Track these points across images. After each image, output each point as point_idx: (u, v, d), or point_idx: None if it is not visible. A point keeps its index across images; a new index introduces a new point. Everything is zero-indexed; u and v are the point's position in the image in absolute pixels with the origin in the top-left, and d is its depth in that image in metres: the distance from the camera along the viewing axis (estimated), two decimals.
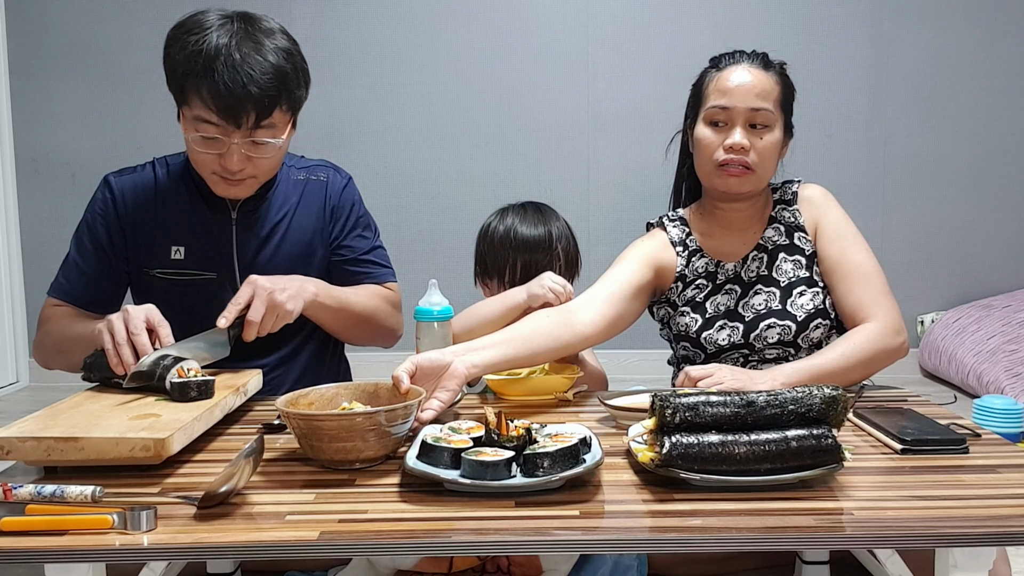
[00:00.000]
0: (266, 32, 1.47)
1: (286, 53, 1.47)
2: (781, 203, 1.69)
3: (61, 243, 1.70)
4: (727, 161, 1.58)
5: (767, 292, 1.63)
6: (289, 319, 1.47)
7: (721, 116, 1.59)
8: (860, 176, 3.57)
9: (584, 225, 3.62)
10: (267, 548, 0.90)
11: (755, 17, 3.51)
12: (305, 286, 1.52)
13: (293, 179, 1.69)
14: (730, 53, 1.65)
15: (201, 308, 1.54)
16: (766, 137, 1.59)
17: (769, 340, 1.60)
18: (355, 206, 1.73)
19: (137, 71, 3.52)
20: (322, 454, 1.10)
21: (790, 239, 1.66)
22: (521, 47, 3.55)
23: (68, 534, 0.90)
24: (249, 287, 1.44)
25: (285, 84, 1.46)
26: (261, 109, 1.44)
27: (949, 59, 3.54)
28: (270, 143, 1.49)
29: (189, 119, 1.48)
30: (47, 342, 1.60)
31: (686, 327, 1.65)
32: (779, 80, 1.62)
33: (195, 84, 1.42)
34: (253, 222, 1.63)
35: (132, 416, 1.17)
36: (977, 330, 3.24)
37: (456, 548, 0.94)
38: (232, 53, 1.41)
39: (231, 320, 1.41)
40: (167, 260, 1.61)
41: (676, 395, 1.06)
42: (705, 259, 1.68)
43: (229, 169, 1.49)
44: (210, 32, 1.43)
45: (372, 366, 1.92)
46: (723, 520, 0.93)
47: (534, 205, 1.80)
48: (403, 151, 3.57)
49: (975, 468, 1.10)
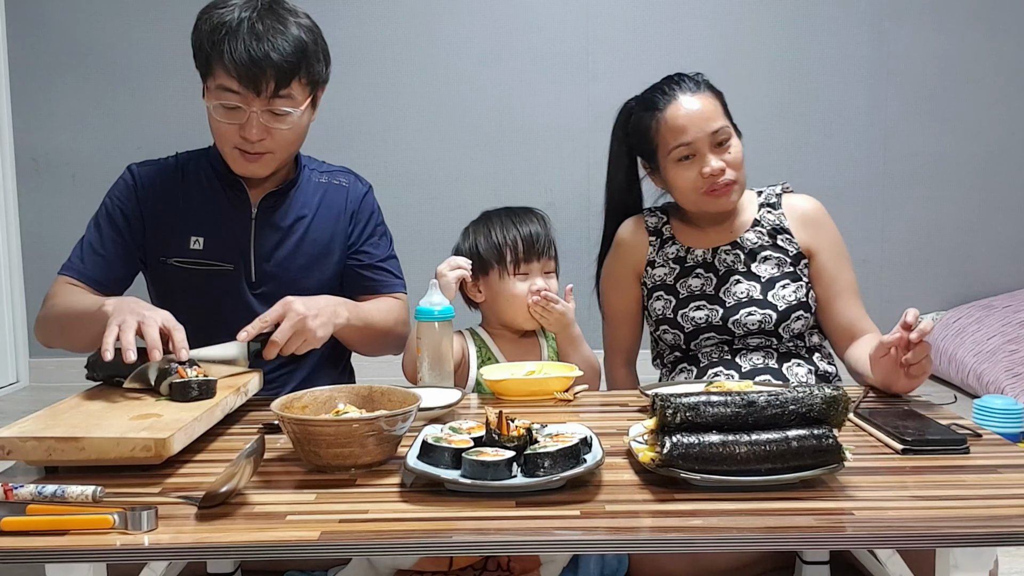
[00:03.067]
0: (289, 10, 1.55)
1: (308, 29, 1.55)
2: (766, 206, 1.74)
3: (61, 243, 1.70)
4: (710, 186, 1.64)
5: (748, 284, 1.68)
6: (316, 345, 1.48)
7: (686, 151, 1.64)
8: (860, 176, 3.56)
9: (584, 225, 3.60)
10: (267, 548, 0.90)
11: (755, 17, 3.50)
12: (338, 311, 1.53)
13: (315, 181, 1.72)
14: (659, 89, 1.69)
15: (216, 298, 1.57)
16: (732, 149, 1.65)
17: (749, 327, 1.64)
18: (375, 214, 1.77)
19: (137, 71, 3.51)
20: (319, 459, 1.09)
21: (772, 240, 1.71)
22: (521, 47, 3.55)
23: (69, 534, 0.90)
24: (282, 307, 1.44)
25: (305, 55, 1.52)
26: (280, 76, 1.49)
27: (949, 59, 3.54)
28: (289, 114, 1.53)
29: (212, 90, 1.53)
30: (51, 316, 1.58)
31: (662, 309, 1.71)
32: (713, 93, 1.68)
33: (219, 52, 1.48)
34: (273, 219, 1.65)
35: (133, 416, 1.17)
36: (977, 330, 3.24)
37: (456, 548, 0.94)
38: (255, 24, 1.49)
39: (252, 335, 1.42)
40: (186, 249, 1.63)
41: (677, 395, 1.06)
42: (676, 245, 1.75)
43: (248, 139, 1.53)
44: (235, 7, 1.50)
45: (374, 366, 1.92)
46: (724, 520, 0.93)
47: (520, 207, 1.80)
48: (403, 151, 3.57)
49: (976, 468, 1.11)
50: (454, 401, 1.36)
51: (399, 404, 1.19)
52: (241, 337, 1.41)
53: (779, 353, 1.66)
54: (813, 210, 1.73)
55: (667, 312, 1.70)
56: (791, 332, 1.65)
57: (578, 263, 3.56)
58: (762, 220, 1.72)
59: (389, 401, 1.21)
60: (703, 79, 1.70)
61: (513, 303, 1.69)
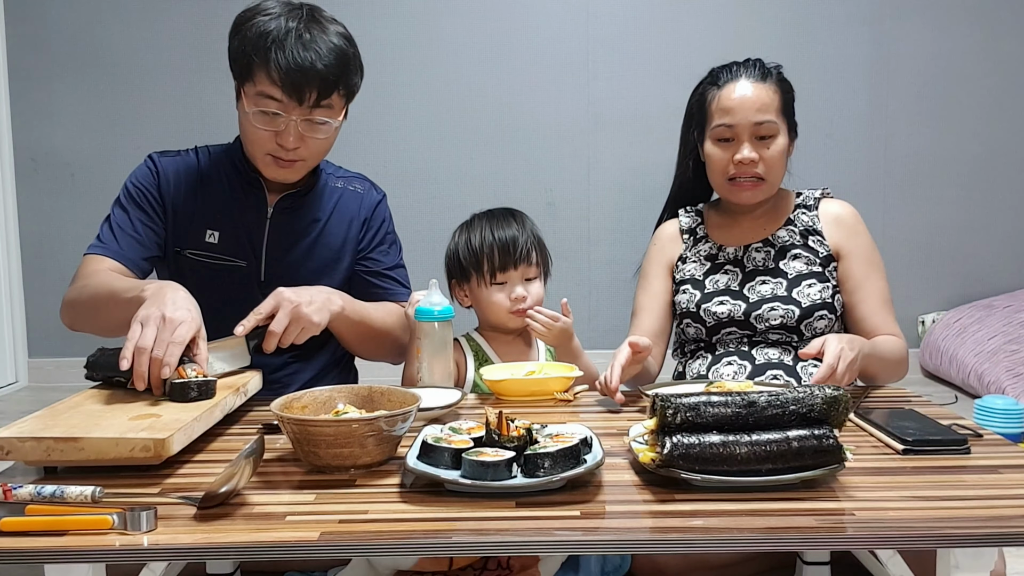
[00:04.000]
0: (328, 20, 1.57)
1: (347, 40, 1.57)
2: (802, 208, 1.75)
3: (61, 243, 1.70)
4: (738, 175, 1.65)
5: (774, 282, 1.68)
6: (315, 331, 1.48)
7: (727, 133, 1.66)
8: (860, 176, 3.56)
9: (584, 225, 3.61)
10: (267, 548, 0.90)
11: (755, 17, 3.50)
12: (332, 298, 1.53)
13: (331, 186, 1.73)
14: (727, 67, 1.70)
15: (228, 293, 1.59)
16: (772, 147, 1.65)
17: (771, 322, 1.64)
18: (386, 222, 1.78)
19: (137, 71, 3.51)
20: (318, 460, 1.09)
21: (804, 240, 1.71)
22: (521, 47, 3.55)
23: (68, 534, 0.90)
24: (274, 299, 1.45)
25: (346, 66, 1.54)
26: (324, 87, 1.51)
27: (949, 59, 3.54)
28: (326, 124, 1.55)
29: (251, 96, 1.53)
30: (83, 296, 1.52)
31: (686, 303, 1.71)
32: (777, 87, 1.68)
33: (264, 59, 1.48)
34: (288, 220, 1.66)
35: (132, 416, 1.17)
36: (978, 330, 3.23)
37: (456, 548, 0.94)
38: (302, 33, 1.50)
39: (248, 329, 1.42)
40: (201, 242, 1.63)
41: (677, 395, 1.06)
42: (709, 243, 1.76)
43: (285, 147, 1.54)
44: (279, 16, 1.51)
45: (374, 366, 1.92)
46: (724, 520, 0.93)
47: (501, 209, 1.78)
48: (403, 151, 3.57)
49: (976, 468, 1.10)
50: (454, 401, 1.36)
51: (399, 404, 1.18)
52: (238, 331, 1.41)
53: (795, 350, 1.66)
54: (847, 214, 1.73)
55: (690, 306, 1.70)
56: (813, 331, 1.64)
57: (578, 263, 3.58)
58: (796, 220, 1.73)
59: (389, 401, 1.21)
60: (776, 70, 1.69)
61: (494, 309, 1.69)
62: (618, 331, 1.82)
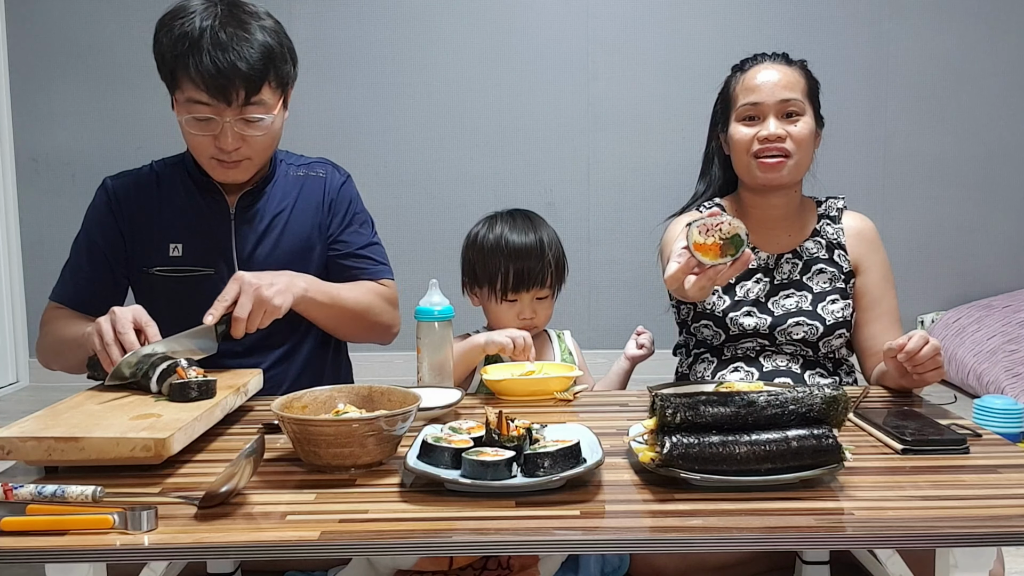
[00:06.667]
0: (250, 13, 1.51)
1: (271, 31, 1.51)
2: (826, 219, 1.72)
3: (61, 243, 1.70)
4: (763, 151, 1.61)
5: (799, 295, 1.66)
6: (278, 314, 1.47)
7: (752, 112, 1.63)
8: (860, 176, 3.56)
9: (584, 225, 3.62)
10: (267, 548, 0.90)
11: (755, 17, 3.50)
12: (295, 281, 1.52)
13: (292, 175, 1.70)
14: (752, 57, 1.69)
15: (201, 304, 1.53)
16: (800, 124, 1.62)
17: (794, 336, 1.63)
18: (352, 202, 1.74)
19: (137, 71, 3.51)
20: (318, 459, 1.09)
21: (830, 254, 1.69)
22: (521, 47, 3.55)
23: (69, 534, 0.90)
24: (236, 283, 1.44)
25: (272, 59, 1.49)
26: (250, 85, 1.47)
27: (949, 59, 3.54)
28: (262, 120, 1.52)
29: (182, 103, 1.51)
30: (46, 344, 1.63)
31: (712, 305, 1.67)
32: (803, 73, 1.66)
33: (184, 65, 1.45)
34: (251, 216, 1.64)
35: (133, 416, 1.17)
36: (977, 330, 3.24)
37: (456, 548, 0.94)
38: (218, 33, 1.45)
39: (218, 317, 1.42)
40: (166, 258, 1.62)
41: (677, 395, 1.06)
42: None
43: (224, 149, 1.51)
44: (195, 16, 1.47)
45: (374, 366, 1.92)
46: (724, 520, 0.93)
47: (522, 212, 1.78)
48: (403, 151, 3.57)
49: (975, 468, 1.11)
50: (454, 401, 1.36)
51: (399, 404, 1.19)
52: (207, 321, 1.41)
53: (805, 360, 1.65)
54: (868, 229, 1.72)
55: (716, 310, 1.66)
56: (830, 347, 1.64)
57: (578, 263, 3.58)
58: (822, 231, 1.71)
59: (389, 401, 1.21)
60: (802, 63, 1.68)
61: (500, 320, 1.72)
62: (618, 331, 1.82)
